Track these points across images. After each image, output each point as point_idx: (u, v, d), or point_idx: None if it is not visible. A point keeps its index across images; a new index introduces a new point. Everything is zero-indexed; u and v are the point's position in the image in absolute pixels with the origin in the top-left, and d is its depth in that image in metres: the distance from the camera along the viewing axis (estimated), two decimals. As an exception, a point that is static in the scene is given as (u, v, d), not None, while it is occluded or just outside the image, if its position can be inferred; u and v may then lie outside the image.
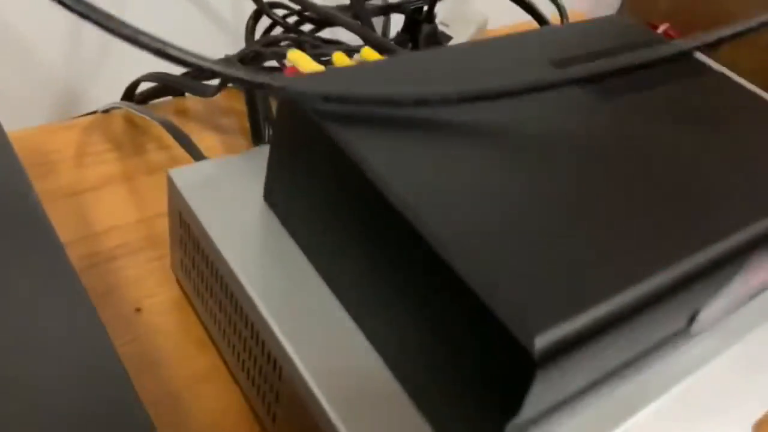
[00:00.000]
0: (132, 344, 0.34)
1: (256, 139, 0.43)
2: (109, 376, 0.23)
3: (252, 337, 0.29)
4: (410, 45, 0.51)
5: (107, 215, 0.40)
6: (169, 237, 0.35)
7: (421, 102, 0.27)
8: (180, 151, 0.44)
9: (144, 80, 0.46)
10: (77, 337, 0.24)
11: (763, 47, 0.85)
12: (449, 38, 0.56)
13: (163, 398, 0.32)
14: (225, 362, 0.34)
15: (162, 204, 0.41)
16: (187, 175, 0.32)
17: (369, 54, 0.35)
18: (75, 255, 0.37)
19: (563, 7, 0.52)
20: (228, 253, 0.29)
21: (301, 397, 0.26)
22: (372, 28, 0.46)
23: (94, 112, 0.47)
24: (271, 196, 0.31)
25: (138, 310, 0.36)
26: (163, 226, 0.40)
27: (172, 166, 0.42)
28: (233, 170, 0.33)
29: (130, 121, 0.47)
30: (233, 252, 0.29)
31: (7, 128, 0.31)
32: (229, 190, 0.32)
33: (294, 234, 0.30)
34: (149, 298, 0.36)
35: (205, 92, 0.42)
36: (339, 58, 0.33)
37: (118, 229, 0.40)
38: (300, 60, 0.33)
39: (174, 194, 0.32)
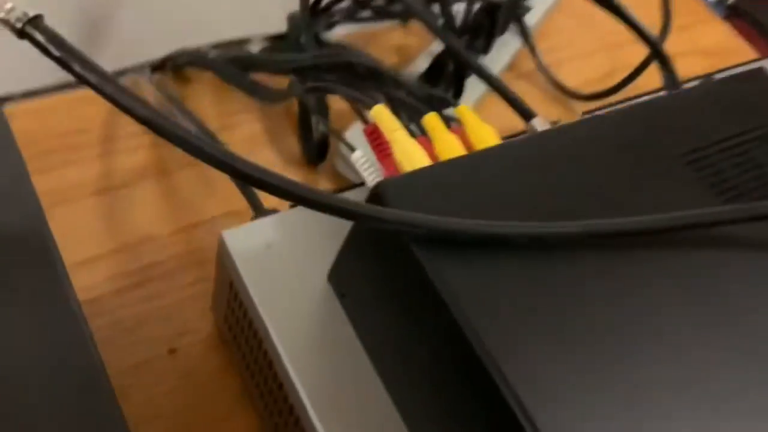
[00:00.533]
0: (165, 396, 0.31)
1: (308, 155, 0.39)
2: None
3: (294, 424, 0.26)
4: (488, 22, 0.44)
5: (139, 222, 0.36)
6: (214, 286, 0.32)
7: (537, 241, 0.23)
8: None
9: (182, 62, 0.40)
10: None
11: None
12: (528, 9, 0.49)
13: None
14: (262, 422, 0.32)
15: (203, 211, 0.37)
16: (241, 239, 0.28)
17: (467, 118, 0.29)
18: (101, 276, 0.34)
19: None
20: (281, 342, 0.26)
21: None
22: (451, 16, 0.40)
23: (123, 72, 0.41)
24: (337, 279, 0.27)
25: (172, 351, 0.33)
26: (202, 239, 0.36)
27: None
28: (292, 234, 0.29)
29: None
30: (287, 341, 0.26)
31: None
32: (287, 262, 0.28)
33: (357, 327, 0.27)
34: (184, 335, 0.33)
35: (270, 98, 0.36)
36: (431, 123, 0.28)
37: (151, 242, 0.36)
38: (383, 119, 0.27)
39: (225, 259, 0.28)
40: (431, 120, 0.28)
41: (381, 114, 0.27)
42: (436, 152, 0.27)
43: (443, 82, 0.40)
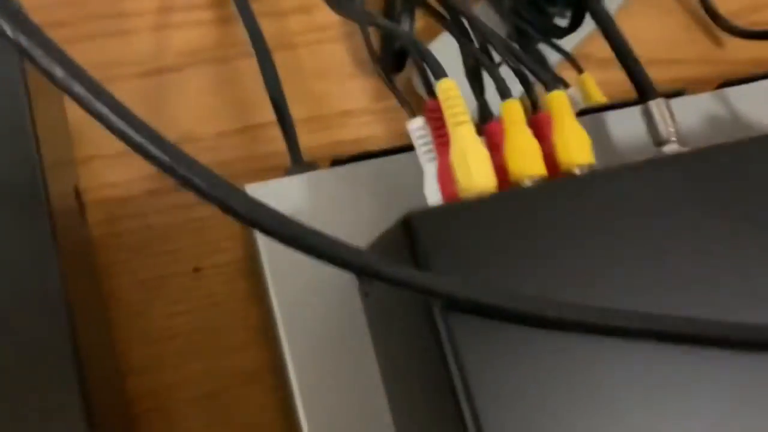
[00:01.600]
0: (183, 316, 0.30)
1: (383, 63, 0.33)
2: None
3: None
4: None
5: (184, 116, 0.33)
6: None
7: (583, 327, 0.18)
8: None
9: None
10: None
11: None
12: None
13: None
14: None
15: (257, 112, 0.34)
16: (265, 198, 0.25)
17: (560, 117, 0.23)
18: (136, 172, 0.31)
19: None
20: (288, 335, 0.24)
21: None
22: None
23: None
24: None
25: (197, 270, 0.31)
26: (251, 147, 0.33)
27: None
28: (327, 198, 0.25)
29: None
30: (294, 334, 0.24)
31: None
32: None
33: (374, 334, 0.24)
34: (213, 255, 0.31)
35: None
36: (509, 112, 0.22)
37: (194, 142, 0.33)
38: (448, 99, 0.22)
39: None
40: (510, 108, 0.23)
41: (447, 93, 0.22)
42: (505, 155, 0.22)
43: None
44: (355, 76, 0.35)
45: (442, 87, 0.22)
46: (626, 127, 0.28)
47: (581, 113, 0.29)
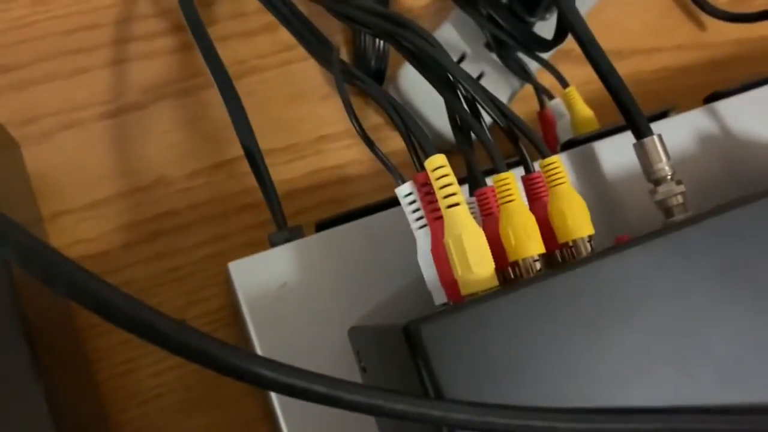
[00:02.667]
0: (172, 372, 0.30)
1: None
2: None
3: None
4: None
5: (153, 157, 0.31)
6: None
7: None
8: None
9: None
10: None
11: None
12: None
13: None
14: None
15: (228, 146, 0.32)
16: (250, 274, 0.24)
17: (554, 174, 0.22)
18: (109, 225, 0.30)
19: None
20: (283, 409, 0.23)
21: None
22: None
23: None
24: (358, 343, 0.24)
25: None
26: (225, 185, 0.32)
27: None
28: (313, 268, 0.24)
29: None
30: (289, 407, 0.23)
31: None
32: (303, 305, 0.24)
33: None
34: (196, 305, 0.30)
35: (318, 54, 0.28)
36: (503, 185, 0.21)
37: (166, 186, 0.31)
38: (437, 177, 0.21)
39: (232, 292, 0.24)
40: (503, 184, 0.22)
41: (438, 171, 0.21)
42: (502, 235, 0.21)
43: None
44: (330, 96, 0.34)
45: (433, 164, 0.21)
46: (618, 157, 0.27)
47: (570, 144, 0.28)
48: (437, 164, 0.21)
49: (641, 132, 0.25)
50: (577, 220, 0.22)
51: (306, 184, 0.33)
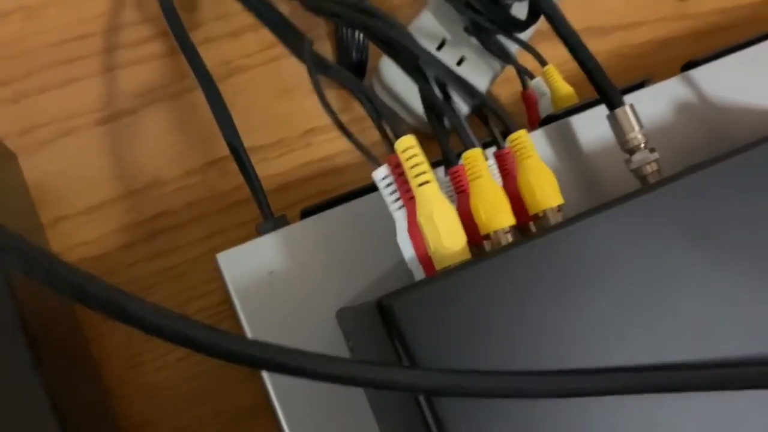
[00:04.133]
0: (178, 364, 0.31)
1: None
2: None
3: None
4: None
5: (148, 160, 0.32)
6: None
7: (561, 393, 0.19)
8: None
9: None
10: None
11: None
12: None
13: None
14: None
15: (220, 144, 0.33)
16: (239, 263, 0.25)
17: (523, 151, 0.22)
18: (108, 227, 0.31)
19: None
20: (277, 395, 0.24)
21: None
22: None
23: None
24: (344, 323, 0.24)
25: (183, 317, 0.31)
26: (218, 181, 0.33)
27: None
28: (300, 254, 0.25)
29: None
30: (284, 393, 0.24)
31: None
32: (291, 291, 0.25)
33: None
34: (195, 300, 0.31)
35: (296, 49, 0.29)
36: (471, 162, 0.22)
37: (161, 187, 0.32)
38: (408, 157, 0.21)
39: (225, 283, 0.25)
40: (472, 160, 0.22)
41: (408, 151, 0.21)
42: (473, 209, 0.22)
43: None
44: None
45: (402, 145, 0.22)
46: (596, 129, 0.28)
47: (548, 120, 0.28)
48: (406, 145, 0.22)
49: (613, 103, 0.25)
50: (545, 192, 0.22)
51: (297, 176, 0.33)
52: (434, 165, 0.23)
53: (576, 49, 0.26)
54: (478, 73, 0.34)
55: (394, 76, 0.33)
